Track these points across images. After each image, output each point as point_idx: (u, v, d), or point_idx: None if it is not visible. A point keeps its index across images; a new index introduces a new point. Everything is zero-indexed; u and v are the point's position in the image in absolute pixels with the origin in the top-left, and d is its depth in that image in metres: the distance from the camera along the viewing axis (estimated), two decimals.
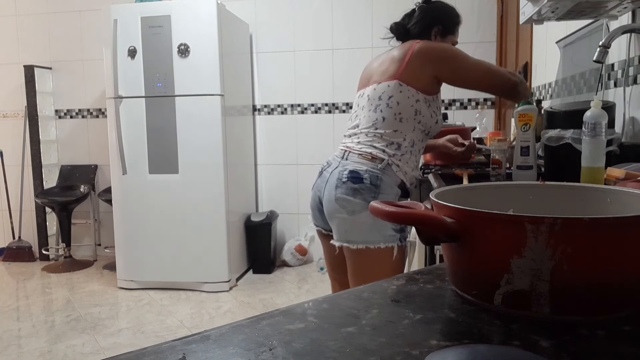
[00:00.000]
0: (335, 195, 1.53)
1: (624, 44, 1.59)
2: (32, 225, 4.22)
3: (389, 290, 0.58)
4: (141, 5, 3.30)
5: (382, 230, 1.52)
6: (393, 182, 1.54)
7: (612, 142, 1.29)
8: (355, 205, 1.51)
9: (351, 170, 1.53)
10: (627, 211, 0.57)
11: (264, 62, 3.90)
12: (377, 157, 1.53)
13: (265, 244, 3.69)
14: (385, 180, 1.52)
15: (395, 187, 1.55)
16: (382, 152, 1.54)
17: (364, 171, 1.52)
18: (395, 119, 1.55)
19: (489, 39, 3.57)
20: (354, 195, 1.51)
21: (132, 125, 3.32)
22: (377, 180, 1.51)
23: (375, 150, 1.55)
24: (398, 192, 1.56)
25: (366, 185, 1.51)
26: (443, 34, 1.68)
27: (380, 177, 1.52)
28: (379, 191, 1.51)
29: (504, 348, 0.42)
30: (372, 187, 1.51)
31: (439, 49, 1.58)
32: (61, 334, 2.69)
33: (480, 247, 0.51)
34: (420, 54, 1.54)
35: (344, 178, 1.53)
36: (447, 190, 0.63)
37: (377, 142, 1.56)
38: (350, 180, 1.52)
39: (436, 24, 1.66)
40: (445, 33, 1.68)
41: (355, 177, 1.52)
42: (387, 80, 1.56)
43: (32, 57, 4.15)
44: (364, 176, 1.51)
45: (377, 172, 1.52)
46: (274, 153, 3.97)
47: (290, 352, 0.43)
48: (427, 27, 1.66)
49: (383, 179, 1.52)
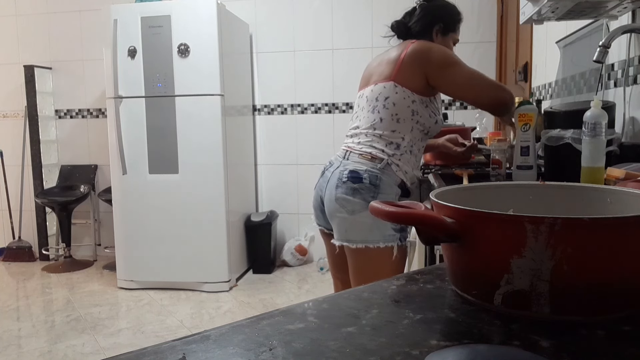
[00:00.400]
0: (336, 195, 1.54)
1: (624, 44, 1.59)
2: (32, 225, 4.22)
3: (389, 290, 0.58)
4: (141, 5, 3.30)
5: (382, 229, 1.52)
6: (393, 181, 1.55)
7: (612, 142, 1.29)
8: (355, 204, 1.52)
9: (351, 170, 1.54)
10: (627, 211, 0.57)
11: (264, 62, 3.90)
12: (377, 157, 1.54)
13: (265, 244, 3.69)
14: (384, 180, 1.53)
15: (395, 186, 1.55)
16: (381, 152, 1.55)
17: (363, 171, 1.53)
18: (392, 119, 1.56)
19: (489, 39, 3.57)
20: (354, 195, 1.52)
21: (132, 125, 3.32)
22: (377, 180, 1.52)
23: (374, 150, 1.55)
24: (398, 192, 1.56)
25: (365, 185, 1.52)
26: (444, 32, 1.67)
27: (380, 177, 1.52)
28: (379, 191, 1.52)
29: (504, 348, 0.42)
30: (372, 187, 1.52)
31: (431, 51, 1.55)
32: (61, 334, 2.69)
33: (480, 247, 0.51)
34: (413, 55, 1.54)
35: (344, 178, 1.54)
36: (447, 190, 0.63)
37: (377, 142, 1.56)
38: (350, 180, 1.53)
39: (437, 22, 1.66)
40: (446, 31, 1.67)
41: (355, 177, 1.52)
42: (384, 82, 1.57)
43: (32, 57, 4.15)
44: (364, 176, 1.52)
45: (376, 171, 1.53)
46: (274, 153, 3.97)
47: (290, 352, 0.43)
48: (429, 26, 1.66)
49: (382, 178, 1.53)
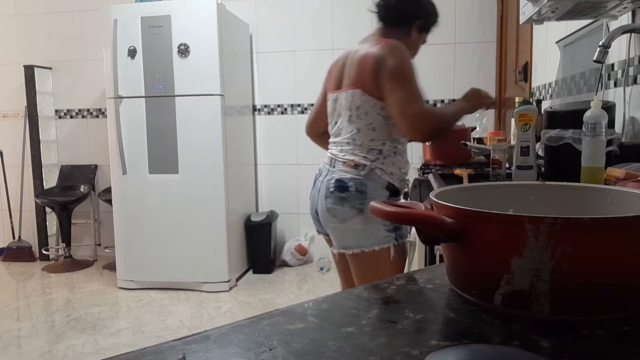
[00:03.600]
0: (326, 206, 1.57)
1: (624, 44, 1.59)
2: (32, 225, 4.22)
3: (389, 290, 0.58)
4: (141, 5, 3.30)
5: (374, 233, 1.54)
6: (379, 185, 1.56)
7: (612, 142, 1.29)
8: (344, 213, 1.54)
9: (337, 179, 1.56)
10: (627, 211, 0.57)
11: (264, 62, 3.90)
12: (360, 164, 1.55)
13: (265, 244, 3.69)
14: (370, 186, 1.54)
15: (382, 189, 1.56)
16: (363, 158, 1.56)
17: (348, 179, 1.55)
18: (368, 129, 1.56)
19: (489, 39, 3.57)
20: (342, 204, 1.54)
21: (132, 125, 3.32)
22: (363, 187, 1.54)
23: (357, 158, 1.57)
24: (386, 194, 1.57)
25: (352, 193, 1.53)
26: (421, 29, 1.66)
27: (365, 183, 1.54)
28: (366, 197, 1.53)
29: (504, 348, 0.42)
30: (358, 194, 1.53)
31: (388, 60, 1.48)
32: (61, 334, 2.69)
33: (480, 247, 0.51)
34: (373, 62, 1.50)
35: (331, 188, 1.56)
36: (447, 190, 0.63)
37: (358, 150, 1.58)
38: (337, 190, 1.55)
39: (420, 17, 1.64)
40: (423, 29, 1.66)
41: (341, 186, 1.55)
42: (352, 88, 1.56)
43: (32, 57, 4.15)
44: (349, 184, 1.54)
45: (361, 178, 1.54)
46: (274, 153, 3.97)
47: (290, 352, 0.43)
48: (412, 17, 1.63)
49: (368, 184, 1.54)
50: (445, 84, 3.67)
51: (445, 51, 3.63)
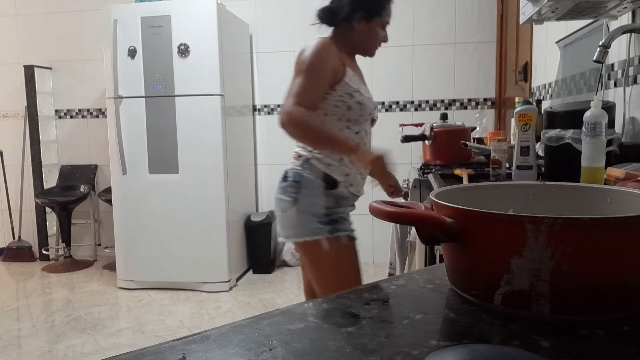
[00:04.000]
0: (275, 196, 1.63)
1: (624, 44, 1.59)
2: (32, 225, 4.22)
3: (389, 290, 0.58)
4: (141, 5, 3.30)
5: (307, 224, 1.56)
6: (315, 175, 1.57)
7: (612, 142, 1.29)
8: (284, 203, 1.58)
9: (285, 171, 1.63)
10: (627, 211, 0.57)
11: (264, 62, 3.90)
12: (301, 155, 1.61)
13: (265, 244, 3.69)
14: (305, 176, 1.57)
15: (318, 180, 1.57)
16: (303, 149, 1.62)
17: (290, 170, 1.61)
18: None
19: (489, 39, 3.57)
20: (283, 194, 1.59)
21: (132, 125, 3.32)
22: (298, 177, 1.58)
23: (299, 149, 1.63)
24: (322, 185, 1.57)
25: (289, 183, 1.58)
26: (368, 19, 1.59)
27: (300, 173, 1.58)
28: (300, 186, 1.56)
29: (504, 348, 0.42)
30: (294, 184, 1.57)
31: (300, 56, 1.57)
32: (61, 334, 2.69)
33: (480, 247, 0.51)
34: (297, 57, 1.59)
35: (280, 179, 1.63)
36: (447, 190, 0.63)
37: None
38: (282, 180, 1.61)
39: (357, 10, 1.58)
40: (370, 17, 1.59)
41: (284, 177, 1.61)
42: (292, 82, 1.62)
43: (32, 57, 4.15)
44: (289, 174, 1.60)
45: (298, 168, 1.59)
46: (274, 153, 3.97)
47: (290, 352, 0.43)
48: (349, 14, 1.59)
49: (303, 174, 1.57)
50: (445, 84, 3.67)
51: (445, 51, 3.62)
